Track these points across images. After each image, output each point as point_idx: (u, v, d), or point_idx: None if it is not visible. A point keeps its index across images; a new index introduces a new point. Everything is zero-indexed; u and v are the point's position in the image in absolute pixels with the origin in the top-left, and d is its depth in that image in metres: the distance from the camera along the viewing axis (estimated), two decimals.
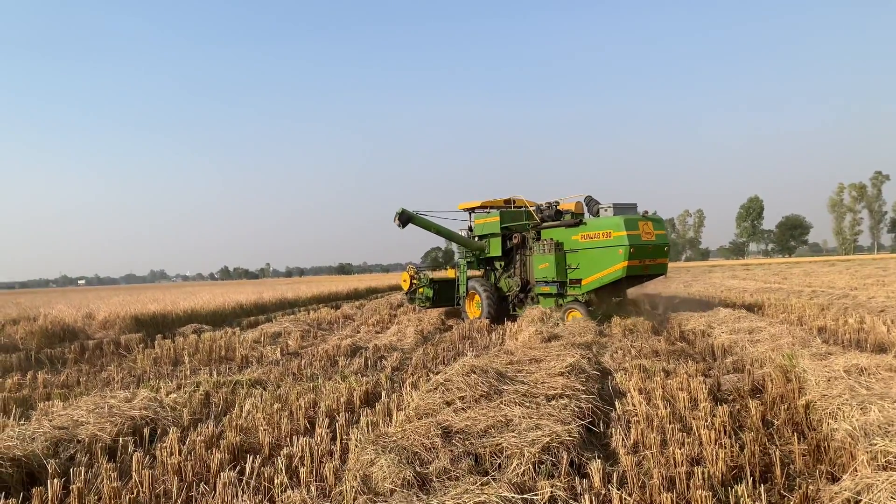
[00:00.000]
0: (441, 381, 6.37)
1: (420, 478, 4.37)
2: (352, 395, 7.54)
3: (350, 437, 5.87)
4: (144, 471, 4.80)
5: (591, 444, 5.39)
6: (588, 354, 8.10)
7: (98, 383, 10.03)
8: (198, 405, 7.32)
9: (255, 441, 5.92)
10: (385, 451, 4.81)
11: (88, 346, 14.29)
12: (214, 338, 14.40)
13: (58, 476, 4.90)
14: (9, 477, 5.01)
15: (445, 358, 11.01)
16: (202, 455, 5.32)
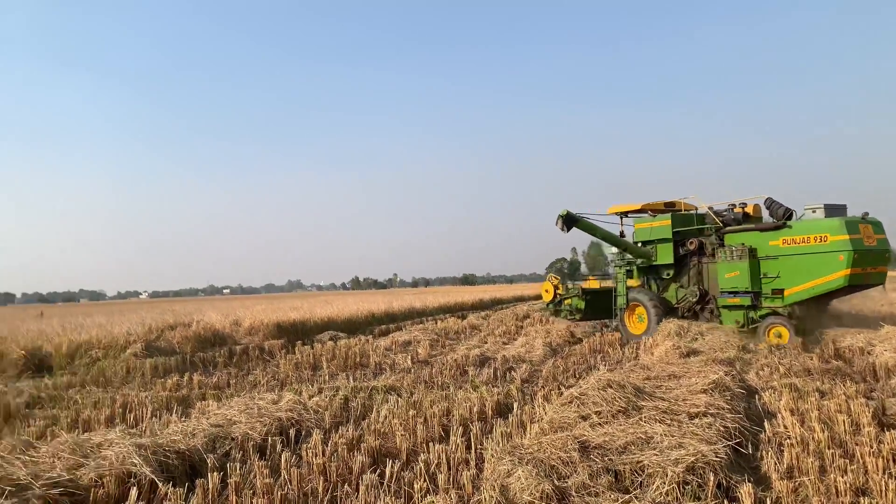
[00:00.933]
0: (576, 395, 6.26)
1: (559, 491, 4.32)
2: (483, 405, 7.58)
3: (484, 446, 5.90)
4: (293, 469, 5.07)
5: (739, 466, 5.09)
6: (731, 371, 7.67)
7: (246, 386, 10.70)
8: (338, 409, 7.63)
9: (393, 446, 6.09)
10: (521, 462, 4.80)
11: (236, 350, 15.32)
12: (349, 345, 14.99)
13: (216, 470, 5.28)
14: (174, 468, 5.46)
15: (577, 371, 10.82)
16: (344, 457, 5.54)
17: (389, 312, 27.14)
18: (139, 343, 15.56)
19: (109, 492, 4.87)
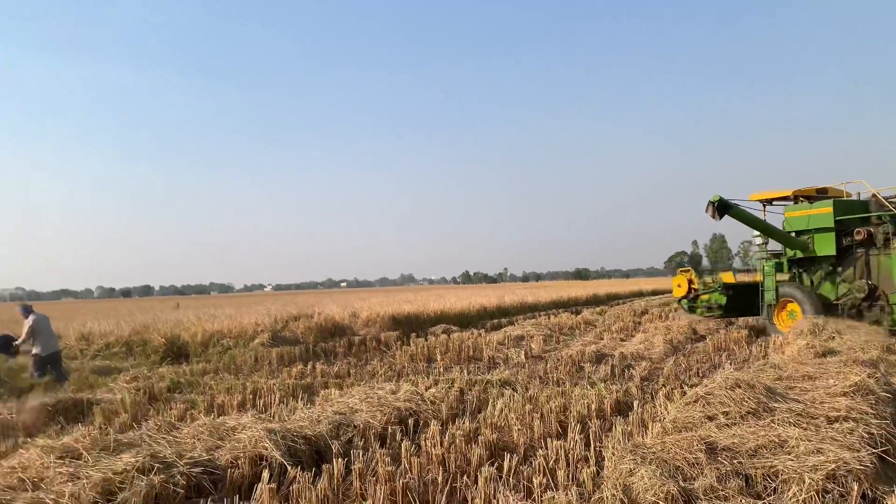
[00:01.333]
0: (701, 394, 5.99)
1: (685, 493, 4.15)
2: (602, 402, 7.42)
3: (604, 444, 5.78)
4: (413, 458, 5.18)
5: (886, 476, 4.69)
6: (875, 373, 7.07)
7: (365, 375, 11.05)
8: (454, 401, 7.72)
9: (510, 440, 6.09)
10: (644, 462, 4.65)
11: (354, 341, 15.87)
12: (462, 338, 15.13)
13: (340, 456, 5.48)
14: (302, 453, 5.72)
15: (700, 370, 10.38)
16: (462, 449, 5.60)
17: (501, 307, 27.17)
18: (266, 333, 16.46)
19: (244, 473, 5.16)
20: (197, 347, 15.71)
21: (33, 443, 5.90)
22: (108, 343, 16.24)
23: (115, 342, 16.24)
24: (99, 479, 4.60)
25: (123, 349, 15.88)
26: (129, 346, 16.00)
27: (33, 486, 4.61)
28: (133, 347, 15.94)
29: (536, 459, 5.21)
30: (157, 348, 15.58)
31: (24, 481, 4.70)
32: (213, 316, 20.51)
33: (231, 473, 5.13)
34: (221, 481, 5.07)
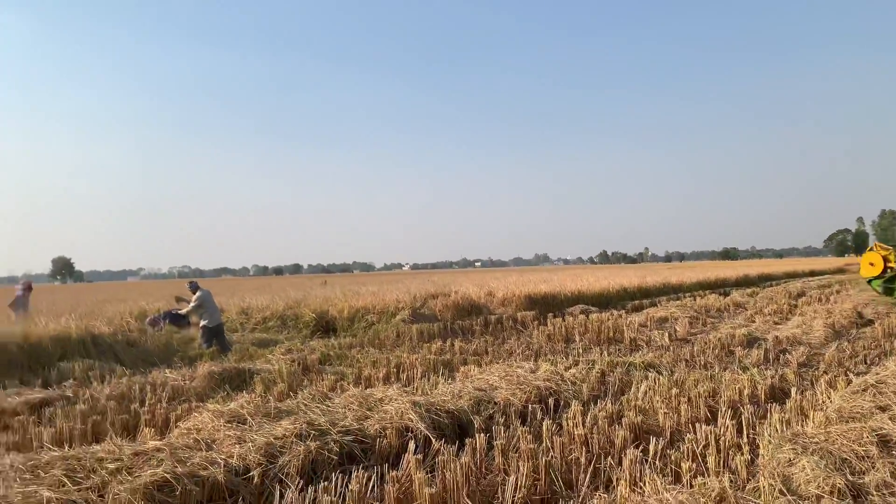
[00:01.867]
0: (871, 383, 5.50)
1: (853, 488, 3.84)
2: (755, 387, 7.00)
3: (757, 432, 5.47)
4: (555, 437, 5.16)
5: None
6: None
7: (502, 354, 11.12)
8: (595, 382, 7.60)
9: (655, 423, 5.90)
10: (805, 452, 4.35)
11: (491, 320, 15.99)
12: (601, 319, 14.82)
13: (482, 431, 5.58)
14: (445, 426, 5.87)
15: (868, 357, 9.51)
16: (605, 430, 5.50)
17: (642, 287, 26.30)
18: (406, 310, 16.99)
19: (391, 442, 5.38)
20: (344, 322, 16.53)
21: (205, 407, 6.49)
22: (265, 317, 17.46)
23: (271, 316, 17.43)
24: (262, 443, 4.98)
25: (278, 323, 17.03)
26: (283, 320, 17.13)
27: (206, 447, 5.06)
28: (286, 321, 17.05)
29: (684, 444, 5.02)
30: (308, 322, 16.57)
31: (198, 442, 5.17)
32: (356, 293, 21.44)
33: (379, 443, 5.36)
34: (371, 450, 5.31)
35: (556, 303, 20.57)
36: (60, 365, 9.87)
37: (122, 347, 11.58)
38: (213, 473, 4.43)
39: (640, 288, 26.09)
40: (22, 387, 8.45)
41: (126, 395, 7.81)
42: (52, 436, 5.83)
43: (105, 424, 6.29)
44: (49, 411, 6.99)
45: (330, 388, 7.93)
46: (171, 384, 8.33)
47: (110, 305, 20.50)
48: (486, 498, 4.45)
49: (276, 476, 4.64)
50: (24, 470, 4.39)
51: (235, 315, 18.19)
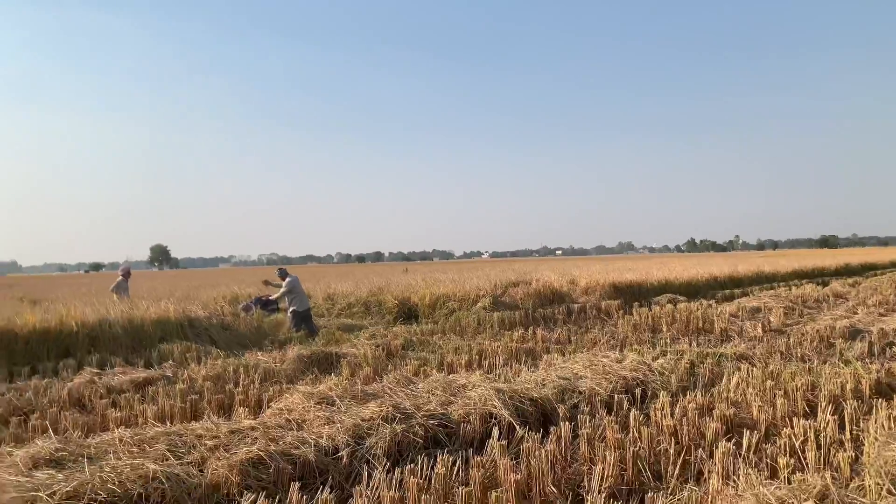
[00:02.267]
0: None
1: None
2: (859, 382, 6.61)
3: (861, 428, 5.18)
4: (642, 428, 5.03)
5: None
6: None
7: (586, 343, 10.95)
8: (683, 373, 7.37)
9: (748, 416, 5.68)
10: None
11: (574, 309, 15.78)
12: (690, 308, 14.35)
13: (566, 420, 5.51)
14: (529, 414, 5.85)
15: None
16: (695, 421, 5.33)
17: (734, 276, 25.31)
18: (487, 298, 16.99)
19: (476, 428, 5.41)
20: (425, 309, 16.71)
21: (295, 388, 6.71)
22: (350, 303, 17.90)
23: (356, 302, 17.86)
24: (350, 425, 5.11)
25: (362, 309, 17.42)
26: (366, 307, 17.50)
27: (297, 427, 5.24)
28: (370, 307, 17.41)
29: (781, 438, 4.80)
30: (391, 309, 16.86)
31: (289, 422, 5.36)
32: (437, 280, 21.61)
33: (463, 428, 5.40)
34: (455, 434, 5.36)
35: (642, 292, 20.08)
36: (161, 346, 10.44)
37: (217, 330, 12.13)
38: (304, 453, 4.58)
39: (730, 277, 25.11)
40: (127, 366, 8.99)
41: (221, 376, 8.18)
42: (155, 413, 6.17)
43: (202, 403, 6.61)
44: (152, 390, 7.40)
45: (413, 373, 8.03)
46: (262, 366, 8.66)
47: (204, 291, 21.51)
48: (571, 486, 4.40)
49: (363, 457, 4.75)
50: (131, 444, 4.68)
51: (322, 301, 18.72)
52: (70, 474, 3.89)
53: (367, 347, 9.94)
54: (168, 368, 8.76)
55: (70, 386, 7.47)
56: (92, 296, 15.44)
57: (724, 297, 19.40)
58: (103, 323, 10.77)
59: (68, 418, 5.97)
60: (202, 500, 3.96)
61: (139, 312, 11.60)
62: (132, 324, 11.09)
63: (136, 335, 10.95)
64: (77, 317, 10.69)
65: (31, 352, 9.80)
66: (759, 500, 3.21)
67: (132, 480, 3.87)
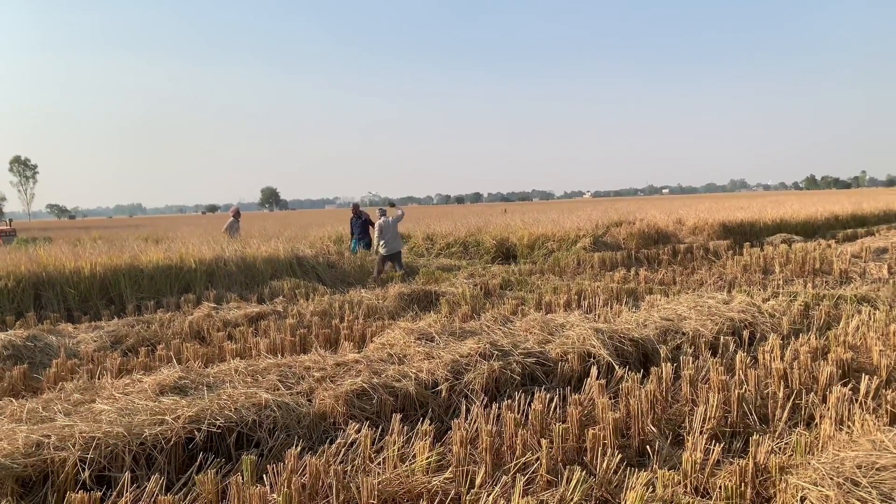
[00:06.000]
0: None
1: None
2: None
3: None
4: (749, 370, 4.85)
5: None
6: None
7: (691, 284, 10.59)
8: (796, 315, 7.01)
9: (868, 361, 5.36)
10: None
11: (679, 249, 15.24)
12: (806, 249, 13.54)
13: (668, 361, 5.39)
14: (628, 354, 5.77)
15: None
16: (808, 365, 5.08)
17: (857, 215, 23.57)
18: (587, 238, 16.68)
19: (573, 367, 5.40)
20: (524, 249, 16.64)
21: (396, 325, 6.91)
22: (448, 243, 18.07)
23: (454, 242, 18.01)
24: (449, 360, 5.22)
25: (460, 249, 17.56)
26: (465, 247, 17.63)
27: (399, 361, 5.41)
28: (468, 248, 17.52)
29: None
30: (489, 249, 16.91)
31: (391, 356, 5.54)
32: (536, 220, 21.36)
33: (560, 366, 5.40)
34: (552, 373, 5.37)
35: (754, 231, 19.10)
36: (272, 283, 11.00)
37: (323, 268, 12.62)
38: (405, 385, 4.74)
39: (853, 216, 23.40)
40: (241, 301, 9.55)
41: (327, 312, 8.54)
42: (266, 346, 6.55)
43: (310, 337, 6.94)
44: (263, 324, 7.84)
45: (511, 312, 8.07)
46: (365, 303, 8.96)
47: (311, 230, 22.33)
48: (671, 426, 4.33)
49: (462, 391, 4.86)
50: (245, 374, 5.00)
51: (421, 241, 19.00)
52: (192, 401, 4.21)
53: (465, 286, 10.05)
54: (279, 304, 9.22)
55: (191, 319, 8.03)
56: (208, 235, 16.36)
57: (846, 237, 18.13)
58: (219, 260, 11.44)
59: (189, 349, 6.44)
60: (310, 428, 4.19)
61: (251, 251, 12.21)
62: (245, 262, 11.72)
63: (249, 272, 11.57)
64: (195, 255, 11.39)
65: (156, 287, 10.57)
66: (874, 447, 3.04)
67: (246, 408, 4.14)
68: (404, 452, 3.64)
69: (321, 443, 3.93)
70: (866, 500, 2.66)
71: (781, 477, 3.15)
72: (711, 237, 17.84)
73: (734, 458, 3.61)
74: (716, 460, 3.50)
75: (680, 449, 3.87)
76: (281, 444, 3.93)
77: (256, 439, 4.01)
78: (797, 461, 3.29)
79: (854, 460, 2.94)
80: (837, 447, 3.28)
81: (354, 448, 3.73)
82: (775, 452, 3.56)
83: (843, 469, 2.89)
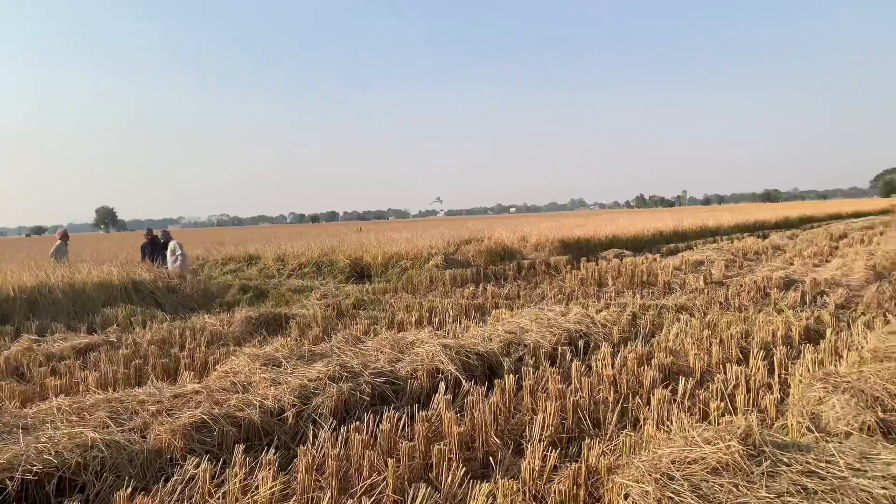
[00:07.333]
0: None
1: (884, 425, 3.81)
2: (789, 329, 6.92)
3: (789, 372, 5.43)
4: (583, 378, 5.19)
5: None
6: None
7: (534, 298, 11.14)
8: (625, 325, 7.59)
9: (685, 364, 5.90)
10: (836, 390, 4.32)
11: (524, 265, 15.99)
12: (635, 263, 14.70)
13: (511, 372, 5.63)
14: (475, 368, 5.96)
15: None
16: (634, 370, 5.52)
17: (678, 231, 25.93)
18: (439, 256, 17.06)
19: (423, 384, 5.49)
20: (378, 268, 16.69)
21: (241, 351, 6.67)
22: (301, 263, 17.72)
23: (307, 262, 17.68)
24: (297, 385, 5.12)
25: (314, 269, 17.27)
26: (318, 267, 17.36)
27: (243, 389, 5.22)
28: (322, 268, 17.28)
29: (714, 384, 5.01)
30: (343, 268, 16.78)
31: (235, 384, 5.33)
32: (391, 239, 21.51)
33: (410, 384, 5.47)
34: (402, 391, 5.42)
35: (590, 247, 20.43)
36: (105, 311, 10.20)
37: (163, 293, 11.90)
38: (248, 414, 4.58)
39: (675, 231, 25.73)
40: (69, 332, 8.77)
41: (167, 340, 8.07)
42: (97, 379, 6.06)
43: (147, 368, 6.52)
44: (94, 356, 7.25)
45: (363, 331, 8.06)
46: (209, 329, 8.56)
47: None
48: (513, 436, 4.52)
49: (309, 416, 4.78)
50: (70, 412, 4.60)
51: (272, 262, 18.48)
52: (3, 447, 3.81)
53: (317, 307, 9.91)
54: (112, 333, 8.58)
55: (7, 354, 7.26)
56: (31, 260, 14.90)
57: (669, 251, 19.89)
58: (42, 287, 10.46)
59: (4, 388, 5.82)
60: (144, 466, 3.93)
61: (81, 276, 11.28)
62: (73, 288, 10.80)
63: (78, 300, 10.67)
64: (14, 281, 10.35)
65: None
66: (687, 442, 3.36)
67: (69, 450, 3.81)
68: (247, 484, 3.52)
69: (156, 481, 3.70)
70: (679, 492, 2.94)
71: (609, 477, 3.39)
72: (552, 253, 18.86)
73: (570, 463, 3.83)
74: (553, 466, 3.70)
75: (521, 458, 4.05)
76: (109, 487, 3.65)
77: (81, 483, 3.70)
78: (623, 461, 3.56)
79: (669, 456, 3.24)
80: (657, 445, 3.58)
81: (193, 484, 3.55)
82: (605, 454, 3.82)
83: (661, 465, 3.17)
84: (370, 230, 35.73)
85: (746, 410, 4.47)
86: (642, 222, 28.45)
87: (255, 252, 19.83)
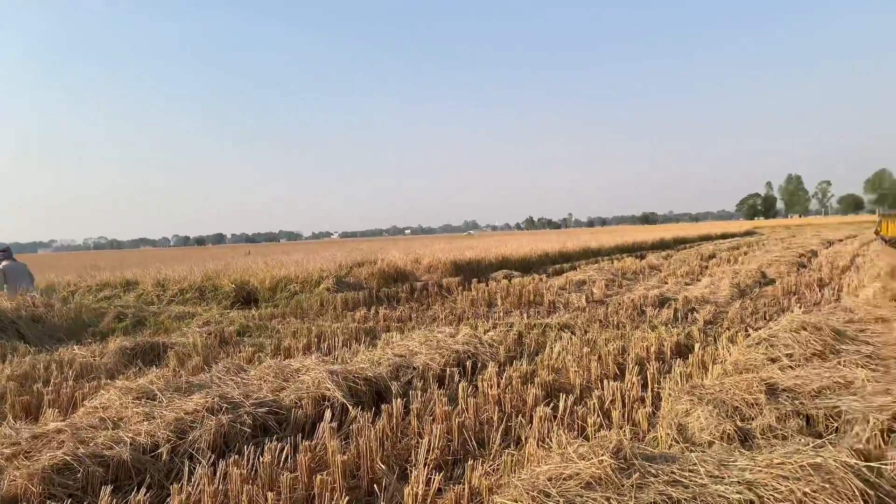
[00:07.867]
0: (764, 337, 5.86)
1: (741, 432, 4.10)
2: (662, 344, 7.33)
3: (661, 386, 5.73)
4: (469, 399, 5.26)
5: None
6: None
7: (426, 319, 11.21)
8: (512, 344, 7.77)
9: (567, 381, 6.11)
10: (701, 402, 4.60)
11: (417, 287, 16.05)
12: (523, 283, 15.11)
13: (399, 396, 5.62)
14: (363, 394, 5.90)
15: (767, 314, 10.08)
16: (518, 389, 5.65)
17: (563, 252, 26.90)
18: (331, 279, 16.80)
19: (307, 412, 5.36)
20: (265, 293, 16.22)
21: (112, 384, 6.27)
22: (182, 289, 16.94)
23: (189, 288, 16.93)
24: (172, 419, 4.87)
25: (196, 295, 16.55)
26: (201, 292, 16.65)
27: (113, 425, 4.91)
28: (205, 293, 16.58)
29: (592, 400, 5.21)
30: (228, 294, 16.17)
31: (104, 420, 5.00)
32: (281, 262, 21.00)
33: (295, 413, 5.33)
34: (286, 421, 5.28)
35: (481, 268, 20.79)
36: None
37: (27, 323, 11.00)
38: (118, 453, 4.31)
39: (561, 252, 26.67)
40: None
41: (29, 375, 7.46)
42: None
43: (4, 407, 6.00)
44: None
45: (247, 360, 7.81)
46: (79, 361, 8.00)
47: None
48: (400, 461, 4.51)
49: (185, 452, 4.55)
50: None
51: (151, 287, 17.57)
52: None
53: (198, 335, 9.50)
54: None
55: None
56: None
57: (555, 272, 20.61)
58: None
59: None
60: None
61: None
62: None
63: None
64: None
65: None
66: (563, 458, 3.47)
67: None
68: None
69: None
70: None
71: (489, 497, 3.44)
72: (445, 275, 19.05)
73: (454, 485, 3.86)
74: (437, 489, 3.71)
75: (406, 483, 4.03)
76: None
77: None
78: (504, 481, 3.63)
79: (547, 473, 3.33)
80: (537, 463, 3.68)
81: None
82: (488, 474, 3.88)
83: (538, 483, 3.25)
84: (259, 253, 34.79)
85: (622, 425, 4.68)
86: (530, 244, 29.34)
87: (134, 277, 18.79)
